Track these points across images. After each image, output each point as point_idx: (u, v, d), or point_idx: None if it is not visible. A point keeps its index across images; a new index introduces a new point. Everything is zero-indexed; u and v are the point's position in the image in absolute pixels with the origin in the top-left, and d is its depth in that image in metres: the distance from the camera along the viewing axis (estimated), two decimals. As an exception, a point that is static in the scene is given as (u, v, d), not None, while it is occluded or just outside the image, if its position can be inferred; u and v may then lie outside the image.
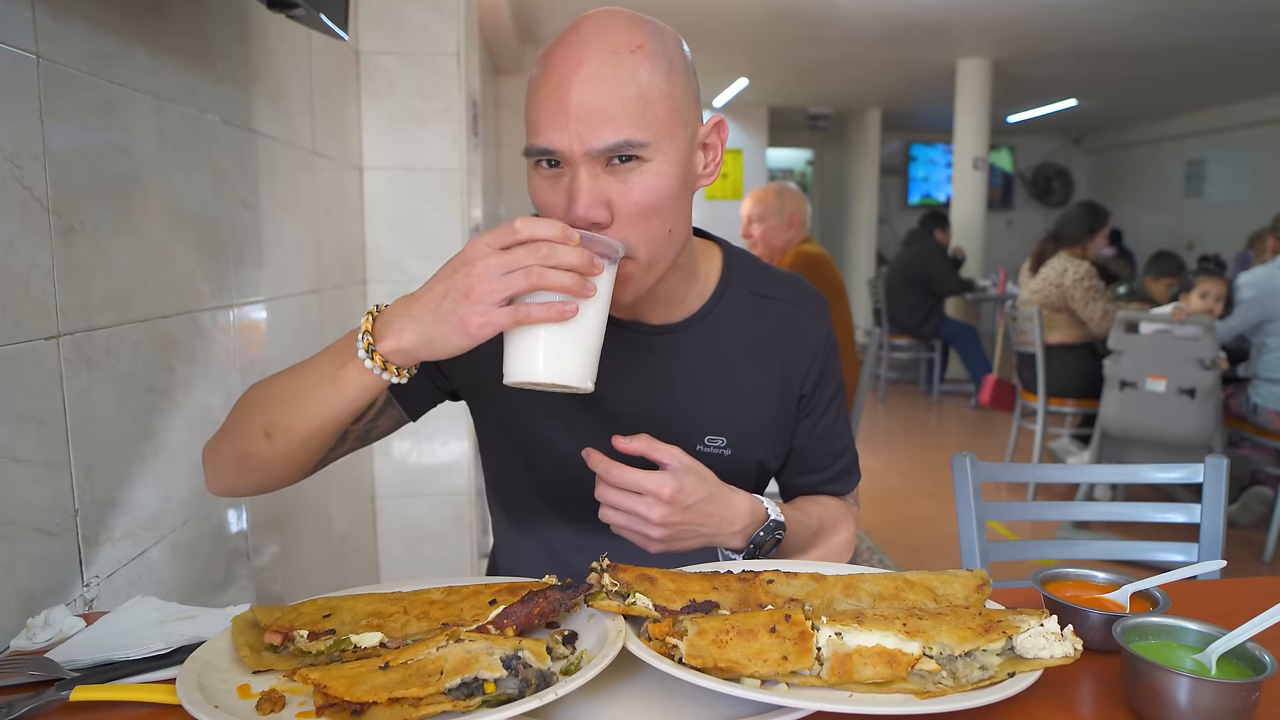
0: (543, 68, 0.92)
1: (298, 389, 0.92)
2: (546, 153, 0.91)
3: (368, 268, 2.51)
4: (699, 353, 1.08)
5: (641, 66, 0.89)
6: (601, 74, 0.88)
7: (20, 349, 0.94)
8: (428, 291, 0.83)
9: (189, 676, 0.73)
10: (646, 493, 0.92)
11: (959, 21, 6.19)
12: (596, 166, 0.90)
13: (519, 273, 0.78)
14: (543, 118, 0.90)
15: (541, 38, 6.98)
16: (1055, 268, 4.42)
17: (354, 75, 2.41)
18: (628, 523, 0.94)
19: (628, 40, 0.90)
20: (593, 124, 0.88)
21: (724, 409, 1.09)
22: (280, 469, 0.97)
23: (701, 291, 1.10)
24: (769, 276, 1.15)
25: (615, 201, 0.90)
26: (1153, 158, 10.88)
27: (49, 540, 0.99)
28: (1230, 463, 1.46)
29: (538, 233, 0.79)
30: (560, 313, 0.80)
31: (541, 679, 0.70)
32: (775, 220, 3.17)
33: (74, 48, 1.05)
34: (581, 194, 0.89)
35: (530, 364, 0.83)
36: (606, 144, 0.88)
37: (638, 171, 0.90)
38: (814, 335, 1.14)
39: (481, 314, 0.79)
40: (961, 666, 0.74)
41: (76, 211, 1.05)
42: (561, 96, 0.88)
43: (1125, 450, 4.00)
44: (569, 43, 0.91)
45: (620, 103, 0.88)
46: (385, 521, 2.63)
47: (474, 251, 0.80)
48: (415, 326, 0.83)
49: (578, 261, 0.79)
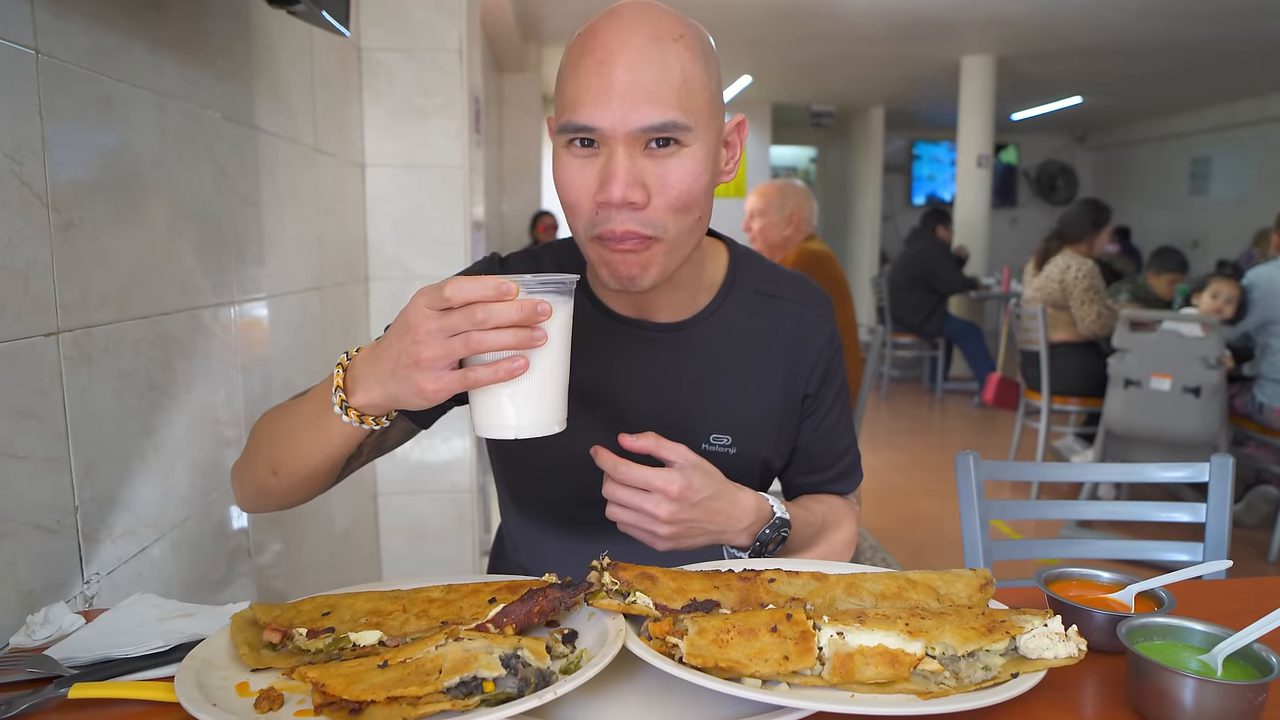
0: (583, 47, 0.91)
1: (292, 430, 0.94)
2: (585, 130, 0.90)
3: (369, 265, 2.51)
4: (705, 351, 1.08)
5: (684, 54, 0.90)
6: (647, 55, 0.88)
7: (20, 346, 0.94)
8: (385, 350, 0.81)
9: (187, 674, 0.73)
10: (654, 489, 0.92)
11: (962, 18, 6.18)
12: (635, 148, 0.90)
13: (458, 338, 0.75)
14: (584, 95, 0.89)
15: (544, 35, 6.97)
16: (1059, 265, 4.41)
17: (356, 71, 2.41)
18: (636, 520, 0.94)
19: (670, 28, 0.91)
20: (637, 103, 0.88)
21: (729, 407, 1.09)
22: (295, 496, 1.00)
23: (708, 289, 1.10)
24: (775, 275, 1.15)
25: (651, 185, 0.90)
26: (1157, 155, 10.86)
27: (49, 537, 0.99)
28: (1235, 462, 1.46)
29: (470, 295, 0.74)
30: (508, 372, 0.77)
31: (541, 678, 0.69)
32: (775, 216, 3.16)
33: (73, 43, 1.05)
34: (620, 173, 0.89)
35: (496, 420, 0.81)
36: (650, 123, 0.88)
37: (676, 156, 0.91)
38: (819, 335, 1.14)
39: (433, 380, 0.77)
40: (964, 667, 0.74)
41: (76, 208, 1.05)
42: (606, 74, 0.88)
43: (1129, 449, 3.99)
44: (611, 26, 0.91)
45: (666, 85, 0.88)
46: (387, 519, 2.63)
47: (415, 315, 0.77)
48: (379, 387, 0.82)
49: (517, 317, 0.75)
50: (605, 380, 1.07)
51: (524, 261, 1.13)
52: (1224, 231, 9.37)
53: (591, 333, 1.07)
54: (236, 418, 1.54)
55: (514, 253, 1.16)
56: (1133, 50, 7.01)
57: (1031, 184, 12.05)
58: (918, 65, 7.82)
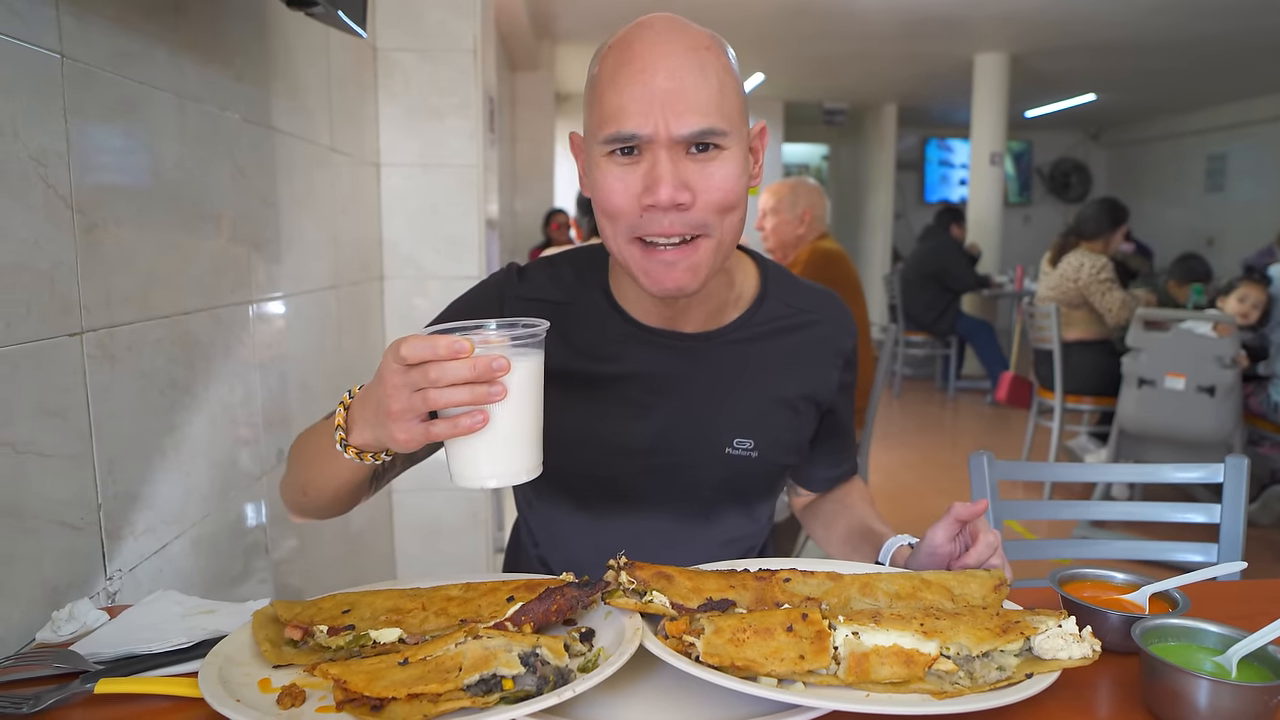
0: (620, 58, 0.94)
1: (312, 456, 0.98)
2: (630, 139, 0.93)
3: (385, 263, 2.52)
4: (734, 360, 1.11)
5: (716, 63, 0.94)
6: (688, 64, 0.92)
7: (44, 345, 0.95)
8: (368, 396, 0.83)
9: (211, 670, 0.74)
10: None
11: (975, 15, 6.15)
12: (678, 152, 0.93)
13: (419, 394, 0.77)
14: (626, 104, 0.92)
15: (557, 33, 6.97)
16: (1073, 263, 4.39)
17: (371, 72, 2.42)
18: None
19: (700, 39, 0.95)
20: (679, 110, 0.91)
21: (754, 414, 1.11)
22: (332, 511, 1.04)
23: (738, 301, 1.13)
24: (805, 290, 1.19)
25: (695, 186, 0.94)
26: (1173, 153, 10.78)
27: (73, 534, 1.00)
28: (1250, 461, 1.45)
29: (422, 355, 0.75)
30: (466, 428, 0.77)
31: (559, 676, 0.70)
32: (788, 215, 3.15)
33: (97, 47, 1.06)
34: (666, 176, 0.92)
35: (469, 470, 0.82)
36: (693, 129, 0.92)
37: (717, 160, 0.94)
38: (843, 350, 1.18)
39: (404, 430, 0.79)
40: (979, 667, 0.74)
41: (99, 209, 1.06)
42: (648, 82, 0.91)
43: (1143, 448, 3.97)
44: (647, 38, 0.94)
45: (705, 92, 0.92)
46: (402, 516, 2.64)
47: (385, 367, 0.79)
48: (369, 430, 0.84)
49: (470, 375, 0.75)
50: (631, 384, 1.09)
51: (542, 272, 1.14)
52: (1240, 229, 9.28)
53: (616, 341, 1.09)
54: (254, 416, 1.56)
55: (532, 263, 1.16)
56: (1146, 47, 6.96)
57: (1045, 181, 11.98)
58: (930, 62, 7.78)
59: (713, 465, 1.10)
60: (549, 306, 1.09)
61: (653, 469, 1.09)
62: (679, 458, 1.09)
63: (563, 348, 1.07)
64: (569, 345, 1.08)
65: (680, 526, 1.12)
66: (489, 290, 1.13)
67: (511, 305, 1.09)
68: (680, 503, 1.11)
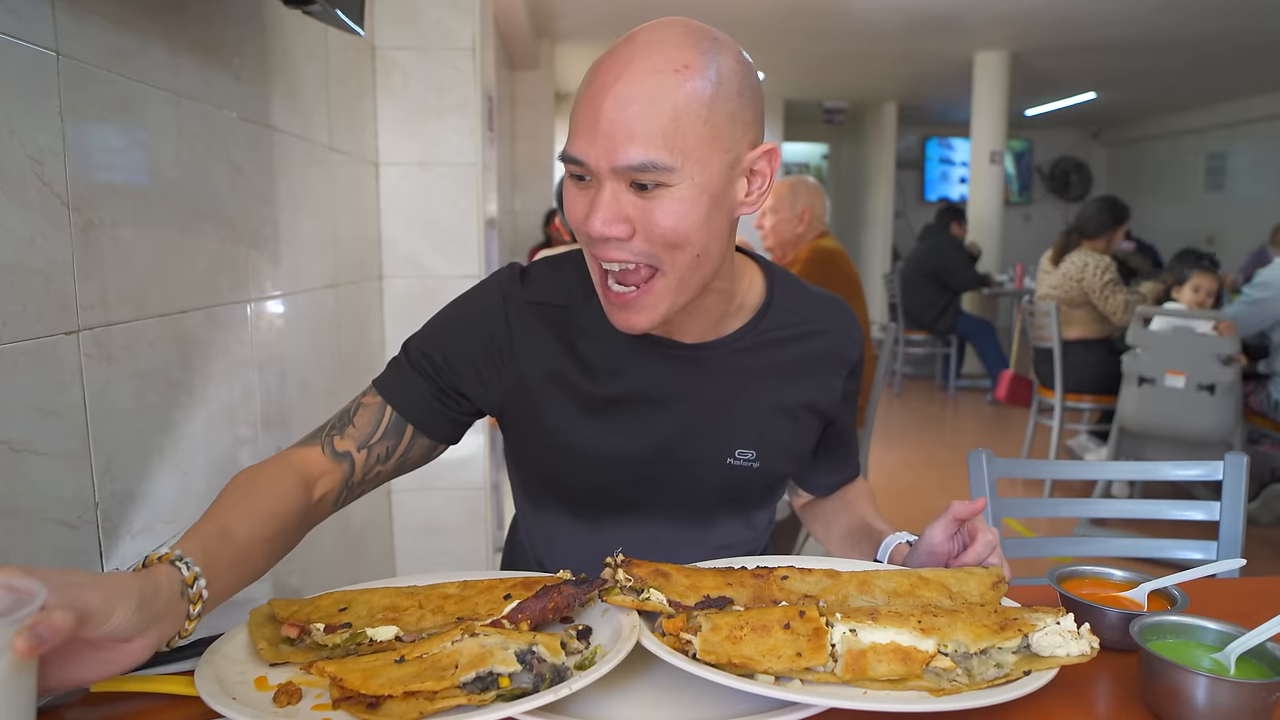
0: (590, 75, 0.91)
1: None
2: (576, 163, 0.90)
3: (383, 263, 2.52)
4: (737, 370, 1.09)
5: (682, 88, 0.86)
6: (637, 92, 0.86)
7: (41, 344, 0.95)
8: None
9: (207, 669, 0.74)
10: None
11: (975, 13, 6.14)
12: (621, 183, 0.89)
13: None
14: (578, 128, 0.90)
15: (557, 32, 6.97)
16: (1075, 263, 4.39)
17: (370, 70, 2.42)
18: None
19: (675, 59, 0.87)
20: (619, 141, 0.86)
21: (757, 425, 1.09)
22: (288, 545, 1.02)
23: (739, 311, 1.09)
24: (811, 299, 1.16)
25: (637, 220, 0.89)
26: (1173, 151, 10.77)
27: (70, 533, 1.00)
28: (1250, 459, 1.45)
29: None
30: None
31: (556, 674, 0.70)
32: (787, 213, 3.15)
33: (93, 45, 1.06)
34: (600, 209, 0.89)
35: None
36: (630, 163, 0.86)
37: (661, 195, 0.88)
38: (849, 360, 1.16)
39: None
40: (977, 664, 0.74)
41: (96, 208, 1.06)
42: (595, 109, 0.87)
43: (1143, 447, 3.97)
44: (616, 55, 0.89)
45: (652, 123, 0.86)
46: (401, 516, 2.64)
47: None
48: None
49: None
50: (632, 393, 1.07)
51: (546, 274, 1.11)
52: (1240, 228, 9.28)
53: (618, 349, 1.06)
54: (252, 415, 1.56)
55: (534, 264, 1.13)
56: (1147, 45, 6.96)
57: (1045, 180, 11.97)
58: (930, 61, 7.77)
59: (713, 476, 1.09)
60: (553, 310, 1.07)
61: (652, 479, 1.08)
62: (680, 468, 1.08)
63: (564, 354, 1.05)
64: (570, 352, 1.06)
65: (678, 534, 1.11)
66: (490, 291, 1.10)
67: (516, 308, 1.07)
68: (679, 511, 1.10)
